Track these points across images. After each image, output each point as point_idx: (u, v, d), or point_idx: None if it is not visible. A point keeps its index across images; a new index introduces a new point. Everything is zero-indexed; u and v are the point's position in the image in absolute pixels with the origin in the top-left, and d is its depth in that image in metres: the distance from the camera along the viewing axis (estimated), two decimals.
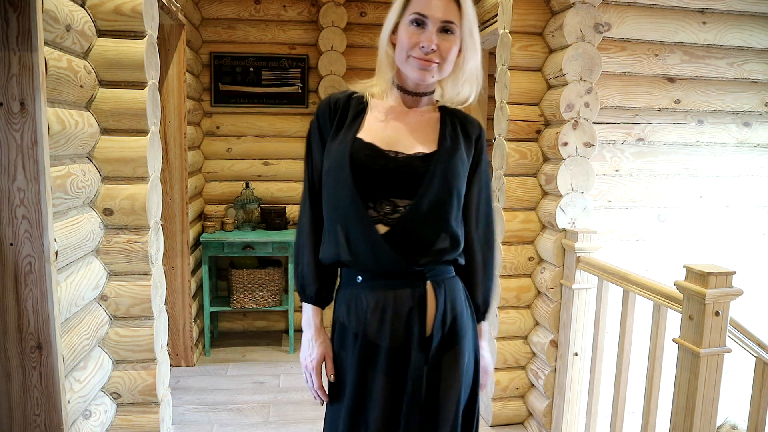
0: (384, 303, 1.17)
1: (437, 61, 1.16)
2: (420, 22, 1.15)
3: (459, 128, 1.26)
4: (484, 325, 1.34)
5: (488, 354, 1.35)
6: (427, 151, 1.19)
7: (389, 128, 1.22)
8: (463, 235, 1.25)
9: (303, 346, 1.28)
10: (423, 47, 1.14)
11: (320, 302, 1.26)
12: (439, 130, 1.24)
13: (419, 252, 1.17)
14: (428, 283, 1.19)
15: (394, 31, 1.22)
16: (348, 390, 1.20)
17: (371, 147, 1.18)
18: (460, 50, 1.21)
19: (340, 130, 1.23)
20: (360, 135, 1.20)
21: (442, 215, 1.17)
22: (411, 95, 1.26)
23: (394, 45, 1.22)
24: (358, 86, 1.30)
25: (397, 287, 1.17)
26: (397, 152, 1.18)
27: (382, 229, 1.15)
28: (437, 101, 1.31)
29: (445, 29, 1.16)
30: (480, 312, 1.31)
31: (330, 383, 1.27)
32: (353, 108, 1.25)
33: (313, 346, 1.25)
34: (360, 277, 1.20)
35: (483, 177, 1.29)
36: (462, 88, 1.25)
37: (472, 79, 1.25)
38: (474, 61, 1.22)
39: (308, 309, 1.27)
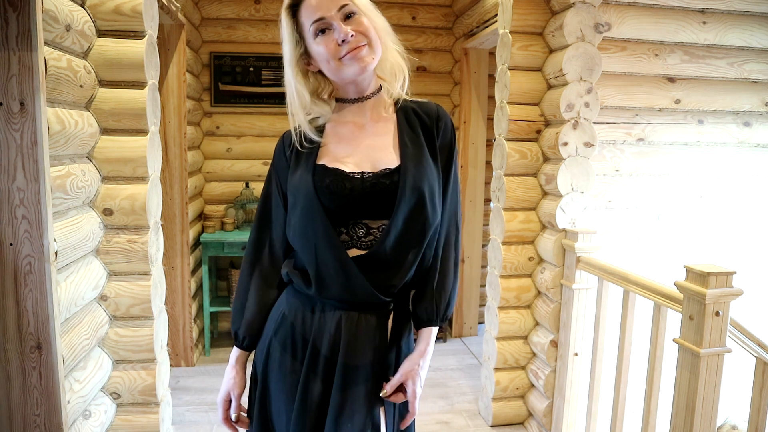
0: (343, 322, 1.12)
1: (363, 42, 1.10)
2: (323, 28, 1.10)
3: (417, 124, 1.19)
4: (429, 337, 1.19)
5: (420, 378, 1.15)
6: (392, 165, 1.12)
7: (349, 148, 1.16)
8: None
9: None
10: (344, 41, 1.08)
11: (248, 349, 1.26)
12: (398, 137, 1.16)
13: (394, 274, 1.11)
14: (391, 315, 1.16)
15: (299, 62, 1.16)
16: (293, 395, 1.15)
17: (335, 172, 1.11)
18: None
19: (299, 162, 1.16)
20: (321, 161, 1.14)
21: (420, 231, 1.11)
22: (356, 102, 1.19)
23: (304, 73, 1.17)
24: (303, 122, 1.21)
25: (362, 310, 1.13)
26: (363, 173, 1.12)
27: (355, 252, 1.10)
28: (395, 102, 1.23)
29: (347, 15, 1.11)
30: (431, 318, 1.19)
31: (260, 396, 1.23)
32: (307, 137, 1.18)
33: (225, 380, 1.25)
34: (321, 303, 1.15)
35: (450, 168, 1.21)
36: (392, 64, 1.18)
37: (388, 34, 1.17)
38: (380, 19, 1.16)
39: (235, 350, 1.26)
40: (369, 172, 1.12)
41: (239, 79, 3.58)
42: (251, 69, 3.59)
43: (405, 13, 3.73)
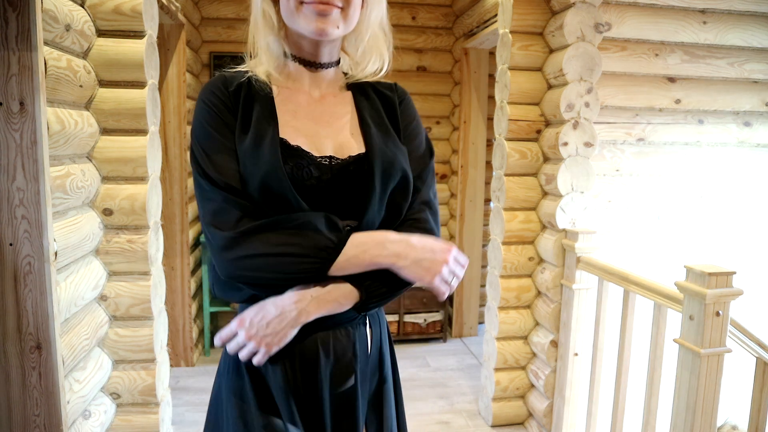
0: (317, 345, 0.93)
1: (339, 5, 0.90)
2: None
3: (378, 103, 1.01)
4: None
5: None
6: (359, 150, 0.94)
7: (307, 123, 0.95)
8: None
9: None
10: None
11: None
12: (358, 118, 0.98)
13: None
14: (367, 320, 1.00)
15: None
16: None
17: (299, 153, 0.90)
18: None
19: (247, 127, 0.91)
20: (282, 134, 0.91)
21: (395, 230, 0.94)
22: (313, 67, 0.98)
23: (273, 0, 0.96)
24: (247, 64, 1.00)
25: (331, 327, 0.94)
26: (331, 158, 0.92)
27: None
28: (346, 76, 1.04)
29: None
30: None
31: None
32: (259, 96, 0.94)
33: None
34: None
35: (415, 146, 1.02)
36: (368, 53, 1.01)
37: (379, 35, 1.00)
38: (378, 9, 0.98)
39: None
40: (336, 158, 0.92)
41: None
42: None
43: (405, 13, 3.73)
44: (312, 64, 0.99)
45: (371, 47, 1.01)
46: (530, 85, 2.48)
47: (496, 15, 2.84)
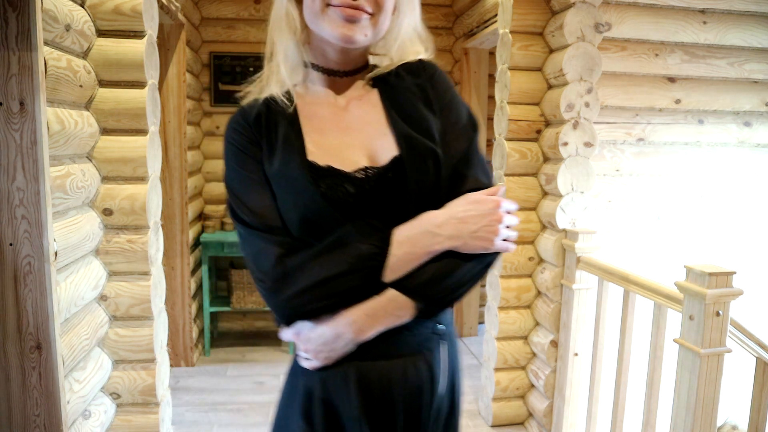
0: (391, 374, 0.86)
1: (369, 10, 0.83)
2: None
3: (407, 90, 0.91)
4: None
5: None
6: (394, 151, 0.86)
7: (336, 136, 0.88)
8: None
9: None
10: None
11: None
12: (386, 116, 0.89)
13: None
14: (439, 344, 0.90)
15: None
16: None
17: (331, 172, 0.84)
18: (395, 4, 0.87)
19: (274, 150, 0.86)
20: (311, 157, 0.85)
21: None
22: (336, 76, 0.90)
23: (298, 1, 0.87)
24: (256, 88, 0.94)
25: (407, 354, 0.87)
26: (366, 169, 0.85)
27: None
28: (370, 69, 0.95)
29: None
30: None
31: None
32: (281, 117, 0.88)
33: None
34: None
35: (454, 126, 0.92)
36: (401, 57, 0.93)
37: (414, 39, 0.92)
38: (411, 16, 0.90)
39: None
40: (372, 168, 0.85)
41: (239, 79, 3.57)
42: (251, 69, 3.59)
43: None
44: (335, 73, 0.91)
45: (406, 52, 0.93)
46: (530, 85, 2.48)
47: (496, 15, 2.84)
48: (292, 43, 0.88)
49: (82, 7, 1.73)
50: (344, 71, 0.91)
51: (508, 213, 0.85)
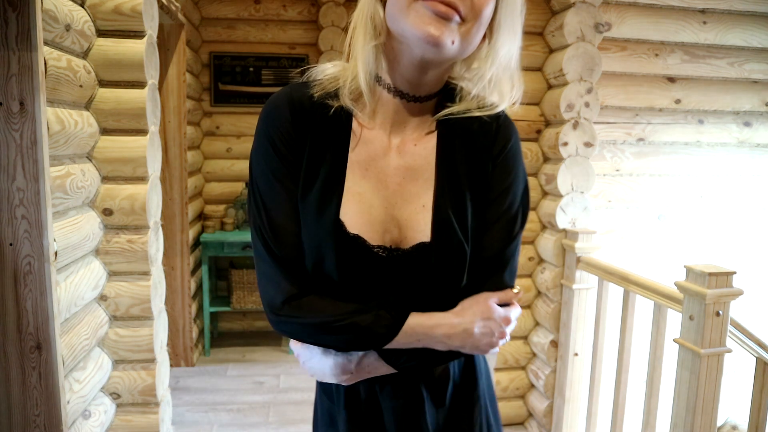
0: (419, 392, 0.87)
1: (463, 13, 0.70)
2: None
3: (472, 148, 0.82)
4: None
5: None
6: (426, 233, 0.79)
7: (374, 188, 0.80)
8: None
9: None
10: None
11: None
12: (436, 180, 0.80)
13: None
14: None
15: None
16: None
17: (356, 242, 0.78)
18: (492, 24, 0.75)
19: (314, 180, 0.79)
20: (343, 216, 0.78)
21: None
22: (406, 99, 0.80)
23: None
24: (329, 72, 0.82)
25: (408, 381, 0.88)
26: (391, 248, 0.79)
27: None
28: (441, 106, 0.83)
29: None
30: None
31: None
32: (333, 137, 0.80)
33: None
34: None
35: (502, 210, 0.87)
36: (489, 87, 0.80)
37: (503, 78, 0.79)
38: (511, 44, 0.77)
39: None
40: (397, 250, 0.79)
41: (239, 79, 3.58)
42: (251, 69, 3.59)
43: None
44: (405, 96, 0.80)
45: (490, 89, 0.81)
46: (530, 85, 2.48)
47: None
48: (369, 46, 0.77)
49: (82, 7, 1.73)
50: (414, 96, 0.80)
51: (513, 325, 0.85)
